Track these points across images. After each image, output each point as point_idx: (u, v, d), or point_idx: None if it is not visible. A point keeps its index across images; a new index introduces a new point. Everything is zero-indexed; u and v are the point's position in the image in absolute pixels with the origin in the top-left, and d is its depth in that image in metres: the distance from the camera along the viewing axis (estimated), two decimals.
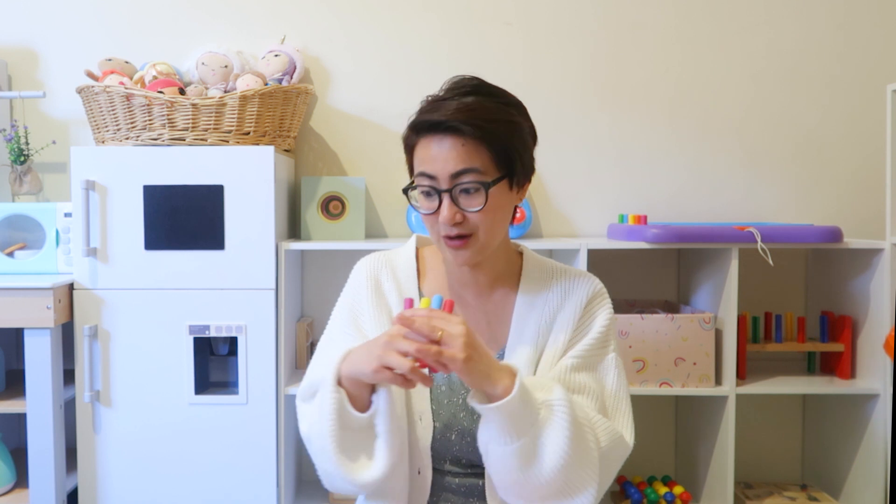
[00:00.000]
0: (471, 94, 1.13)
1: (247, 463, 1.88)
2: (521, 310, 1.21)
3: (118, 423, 1.87)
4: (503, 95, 1.16)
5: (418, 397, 1.18)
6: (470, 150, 1.09)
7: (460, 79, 1.16)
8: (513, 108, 1.15)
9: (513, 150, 1.12)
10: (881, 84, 2.12)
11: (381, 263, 1.27)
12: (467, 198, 1.10)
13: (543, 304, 1.20)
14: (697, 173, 2.22)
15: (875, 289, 1.93)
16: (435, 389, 1.19)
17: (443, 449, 1.19)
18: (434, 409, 1.18)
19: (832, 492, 2.09)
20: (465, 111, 1.09)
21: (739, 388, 1.91)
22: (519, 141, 1.14)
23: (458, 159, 1.09)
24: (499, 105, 1.13)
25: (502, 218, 1.15)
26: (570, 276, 1.24)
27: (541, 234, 2.23)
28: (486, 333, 1.21)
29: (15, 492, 1.92)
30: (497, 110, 1.12)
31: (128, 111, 1.85)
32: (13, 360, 2.17)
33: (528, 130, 1.17)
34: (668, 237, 1.85)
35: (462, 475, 1.19)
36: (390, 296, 1.23)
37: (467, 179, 1.09)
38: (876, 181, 2.17)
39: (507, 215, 1.17)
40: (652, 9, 2.20)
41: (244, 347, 1.86)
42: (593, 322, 1.20)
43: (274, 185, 1.85)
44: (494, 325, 1.22)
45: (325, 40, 2.21)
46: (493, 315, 1.23)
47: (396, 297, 1.22)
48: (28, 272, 1.96)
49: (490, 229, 1.13)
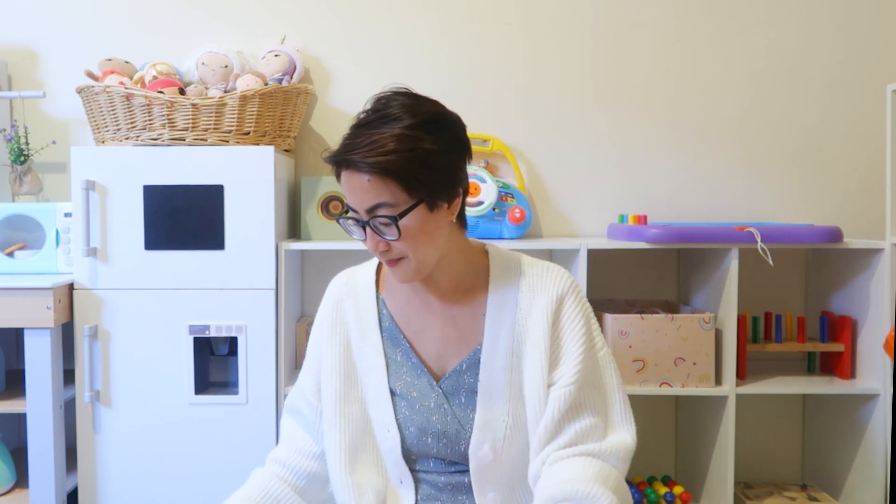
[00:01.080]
0: (376, 122, 1.11)
1: (247, 463, 1.85)
2: (493, 311, 1.21)
3: (118, 423, 1.87)
4: (416, 114, 1.11)
5: (380, 410, 1.21)
6: (376, 184, 1.08)
7: (376, 100, 1.14)
8: (422, 130, 1.09)
9: (419, 177, 1.09)
10: (881, 84, 2.12)
11: (343, 284, 1.30)
12: (384, 228, 1.11)
13: (515, 304, 1.20)
14: (697, 173, 2.22)
15: (875, 289, 1.93)
16: (406, 396, 1.21)
17: (422, 453, 1.21)
18: (406, 416, 1.20)
19: (832, 492, 2.09)
20: (366, 149, 1.08)
21: (739, 388, 1.91)
22: (425, 167, 1.09)
23: (367, 195, 1.09)
24: (404, 132, 1.08)
25: (428, 240, 1.13)
26: (537, 273, 1.22)
27: (541, 234, 2.23)
28: (455, 336, 1.22)
29: (15, 492, 1.92)
30: (401, 139, 1.08)
31: (128, 111, 1.85)
32: (13, 360, 2.17)
33: (444, 150, 1.11)
34: (668, 237, 1.85)
35: (447, 473, 1.21)
36: (349, 316, 1.26)
37: (380, 213, 1.09)
38: (876, 181, 2.17)
39: (436, 235, 1.14)
40: (652, 9, 2.20)
41: (244, 347, 1.86)
42: (570, 329, 1.18)
43: (274, 185, 1.85)
44: (463, 326, 1.22)
45: (325, 40, 2.21)
46: (461, 318, 1.23)
47: (354, 316, 1.26)
48: (28, 272, 1.96)
49: (417, 251, 1.13)
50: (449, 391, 1.20)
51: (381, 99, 1.14)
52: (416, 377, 1.22)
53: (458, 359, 1.22)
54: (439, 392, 1.20)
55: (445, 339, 1.22)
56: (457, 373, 1.21)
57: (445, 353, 1.22)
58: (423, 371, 1.22)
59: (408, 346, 1.23)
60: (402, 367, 1.23)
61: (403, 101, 1.13)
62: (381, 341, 1.24)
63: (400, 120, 1.10)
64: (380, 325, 1.25)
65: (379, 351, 1.23)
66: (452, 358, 1.22)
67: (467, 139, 1.18)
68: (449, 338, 1.22)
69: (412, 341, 1.23)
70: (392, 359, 1.23)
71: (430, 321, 1.23)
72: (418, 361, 1.22)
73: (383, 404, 1.21)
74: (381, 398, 1.22)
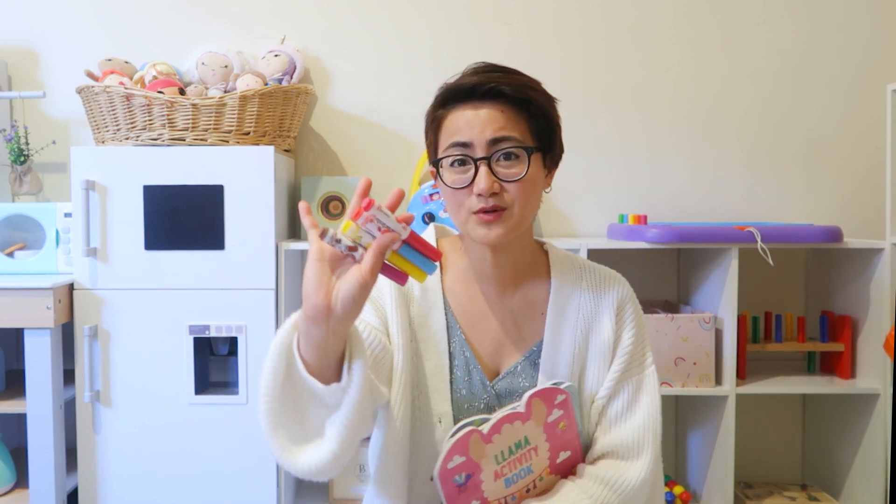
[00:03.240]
0: (502, 68, 1.09)
1: (247, 463, 1.87)
2: (555, 307, 1.13)
3: (118, 423, 1.87)
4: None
5: (440, 398, 1.10)
6: (510, 117, 1.04)
7: (484, 63, 1.11)
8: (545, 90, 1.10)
9: (553, 123, 1.08)
10: (881, 84, 2.12)
11: None
12: (506, 165, 1.04)
13: (577, 304, 1.13)
14: (697, 173, 2.22)
15: (875, 289, 1.93)
16: (455, 392, 1.11)
17: None
18: (454, 414, 1.10)
19: (832, 492, 2.09)
20: (507, 77, 1.06)
21: (739, 387, 1.91)
22: (557, 116, 1.10)
23: (496, 126, 1.03)
24: (536, 81, 1.09)
25: (536, 197, 1.08)
26: (600, 275, 1.17)
27: (541, 234, 2.23)
28: (513, 332, 1.13)
29: (15, 492, 1.92)
30: (536, 83, 1.08)
31: (128, 111, 1.85)
32: (13, 360, 2.17)
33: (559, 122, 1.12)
34: (668, 237, 1.85)
35: None
36: (414, 292, 1.14)
37: (507, 145, 1.03)
38: (876, 181, 2.17)
39: (540, 196, 1.10)
40: (652, 9, 2.20)
41: (244, 347, 1.86)
42: (625, 335, 1.13)
43: (274, 185, 1.85)
44: (521, 323, 1.14)
45: (325, 40, 2.21)
46: (520, 313, 1.14)
47: (420, 291, 1.13)
48: (28, 272, 1.96)
49: (525, 204, 1.05)
50: (502, 393, 1.12)
51: (486, 63, 1.11)
52: (468, 374, 1.11)
53: (513, 359, 1.13)
54: (492, 393, 1.11)
55: (502, 335, 1.13)
56: (511, 374, 1.12)
57: (501, 350, 1.14)
58: (476, 368, 1.12)
59: (463, 338, 1.13)
60: (454, 359, 1.12)
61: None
62: (446, 327, 1.12)
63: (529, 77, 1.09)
64: (444, 311, 1.13)
65: (443, 335, 1.12)
66: (508, 357, 1.13)
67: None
68: (506, 334, 1.13)
69: (467, 333, 1.13)
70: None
71: (488, 314, 1.14)
72: (472, 356, 1.12)
73: (443, 391, 1.09)
74: (442, 386, 1.10)
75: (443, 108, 1.08)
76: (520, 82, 1.06)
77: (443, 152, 1.06)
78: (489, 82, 1.04)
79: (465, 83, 1.06)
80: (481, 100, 1.05)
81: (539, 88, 1.08)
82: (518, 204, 1.04)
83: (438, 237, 1.22)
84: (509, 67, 1.10)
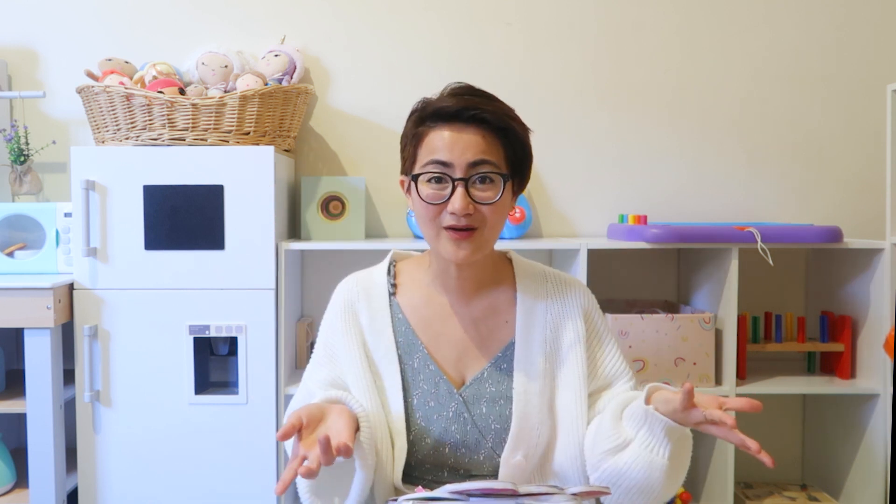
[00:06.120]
0: (484, 94, 1.15)
1: (247, 463, 1.87)
2: (523, 311, 1.19)
3: (118, 423, 1.87)
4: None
5: (396, 421, 1.16)
6: (490, 142, 1.10)
7: (459, 84, 1.16)
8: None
9: (527, 152, 1.16)
10: (881, 84, 2.12)
11: (353, 286, 1.24)
12: (482, 188, 1.10)
13: (545, 306, 1.21)
14: (697, 173, 2.22)
15: (875, 289, 1.93)
16: (423, 406, 1.16)
17: (437, 463, 1.17)
18: (421, 428, 1.15)
19: (832, 492, 2.09)
20: (490, 104, 1.12)
21: (739, 388, 1.91)
22: (529, 146, 1.17)
23: (477, 149, 1.09)
24: (512, 109, 1.15)
25: (504, 219, 1.15)
26: (562, 280, 1.25)
27: (541, 234, 2.23)
28: (477, 339, 1.19)
29: (15, 492, 1.92)
30: (514, 112, 1.15)
31: (128, 111, 1.85)
32: (13, 360, 2.17)
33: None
34: (668, 237, 1.85)
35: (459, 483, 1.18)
36: (361, 318, 1.21)
37: (485, 169, 1.10)
38: (876, 181, 2.17)
39: (504, 218, 1.17)
40: (652, 9, 2.20)
41: (244, 347, 1.86)
42: (604, 342, 1.24)
43: (274, 185, 1.85)
44: (485, 331, 1.20)
45: (325, 40, 2.21)
46: (483, 321, 1.20)
47: (367, 319, 1.21)
48: (28, 272, 1.96)
49: (495, 226, 1.13)
50: (470, 400, 1.16)
51: (463, 85, 1.16)
52: (435, 385, 1.17)
53: (480, 365, 1.19)
54: (459, 401, 1.16)
55: (466, 344, 1.19)
56: (478, 381, 1.18)
57: (465, 358, 1.19)
58: (441, 378, 1.17)
59: (426, 352, 1.18)
60: (419, 374, 1.18)
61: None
62: (396, 347, 1.19)
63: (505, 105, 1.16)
64: (394, 329, 1.20)
65: (393, 357, 1.18)
66: (473, 364, 1.19)
67: None
68: (471, 342, 1.19)
69: (429, 347, 1.19)
70: (408, 366, 1.18)
71: (450, 323, 1.20)
72: (437, 369, 1.18)
73: (397, 417, 1.16)
74: (396, 409, 1.16)
75: (424, 125, 1.13)
76: (500, 110, 1.13)
77: (421, 167, 1.12)
78: (473, 107, 1.10)
79: (449, 106, 1.11)
80: (465, 123, 1.10)
81: (516, 118, 1.15)
82: (488, 226, 1.12)
83: (397, 261, 1.28)
84: (489, 93, 1.16)
